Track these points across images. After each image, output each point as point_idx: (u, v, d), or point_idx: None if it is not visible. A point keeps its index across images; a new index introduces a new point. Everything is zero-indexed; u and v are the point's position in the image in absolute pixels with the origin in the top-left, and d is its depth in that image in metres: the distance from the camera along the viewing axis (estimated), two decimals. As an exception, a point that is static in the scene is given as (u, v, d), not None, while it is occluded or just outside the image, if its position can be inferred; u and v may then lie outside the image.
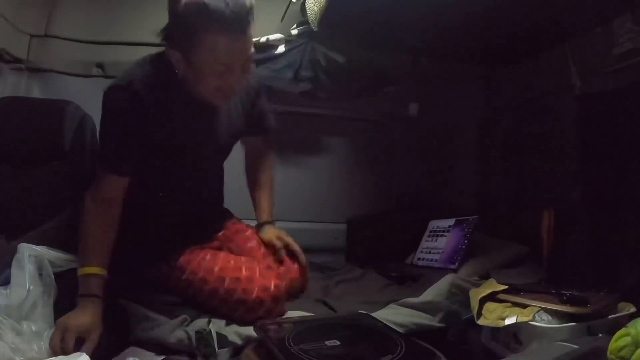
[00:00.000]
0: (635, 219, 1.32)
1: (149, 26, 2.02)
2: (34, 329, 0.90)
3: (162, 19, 2.02)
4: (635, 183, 1.34)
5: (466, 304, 1.14)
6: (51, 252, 1.03)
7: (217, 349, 0.96)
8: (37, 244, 1.06)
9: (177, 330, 1.07)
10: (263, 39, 1.95)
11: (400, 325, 1.11)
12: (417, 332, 1.11)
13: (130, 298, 1.16)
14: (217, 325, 1.12)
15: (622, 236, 1.35)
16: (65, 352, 0.88)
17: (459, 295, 1.21)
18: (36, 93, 1.90)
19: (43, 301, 0.97)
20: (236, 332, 1.09)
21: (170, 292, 1.26)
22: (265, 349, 0.99)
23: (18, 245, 1.02)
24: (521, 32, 1.67)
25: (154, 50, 2.01)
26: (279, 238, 1.38)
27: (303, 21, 1.89)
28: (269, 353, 0.96)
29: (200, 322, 1.13)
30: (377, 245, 1.60)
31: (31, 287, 0.95)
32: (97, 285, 1.04)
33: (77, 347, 0.90)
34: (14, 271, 0.98)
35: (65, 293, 1.03)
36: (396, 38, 1.89)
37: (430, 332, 1.14)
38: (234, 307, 1.17)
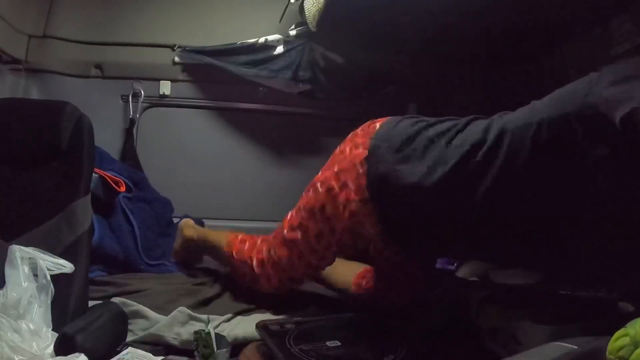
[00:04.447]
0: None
1: (147, 27, 2.05)
2: (32, 327, 0.90)
3: (160, 19, 2.03)
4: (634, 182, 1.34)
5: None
6: (42, 255, 1.02)
7: (215, 349, 0.96)
8: (36, 246, 1.05)
9: (175, 326, 1.08)
10: (262, 40, 1.96)
11: None
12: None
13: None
14: (215, 325, 1.12)
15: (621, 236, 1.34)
16: None
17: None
18: (34, 94, 1.89)
19: (39, 300, 0.96)
20: (236, 332, 1.09)
21: None
22: (265, 349, 0.99)
23: (9, 247, 1.02)
24: (520, 33, 1.67)
25: (153, 50, 2.03)
26: None
27: (301, 22, 1.89)
28: (269, 353, 0.96)
29: (198, 325, 1.12)
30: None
31: (27, 286, 0.95)
32: None
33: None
34: (8, 271, 0.97)
35: (60, 298, 1.03)
36: (395, 39, 1.89)
37: (431, 332, 1.14)
38: None
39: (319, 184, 1.21)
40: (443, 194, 1.00)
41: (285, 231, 1.27)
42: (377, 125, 1.20)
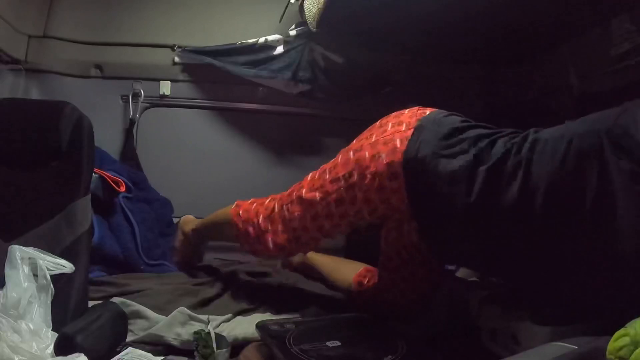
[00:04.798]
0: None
1: (147, 27, 2.05)
2: (32, 327, 0.90)
3: (160, 19, 2.03)
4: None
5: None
6: (42, 255, 1.02)
7: (215, 349, 0.96)
8: (35, 246, 1.05)
9: (174, 326, 1.08)
10: (261, 40, 1.96)
11: None
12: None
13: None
14: (215, 325, 1.12)
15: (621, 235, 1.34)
16: None
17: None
18: (34, 94, 1.89)
19: (39, 301, 0.96)
20: (236, 332, 1.09)
21: None
22: (265, 349, 0.99)
23: (9, 247, 1.02)
24: (520, 32, 1.67)
25: (153, 50, 2.03)
26: None
27: (301, 22, 1.89)
28: (269, 353, 0.96)
29: (198, 325, 1.12)
30: (377, 245, 1.60)
31: (27, 286, 0.95)
32: None
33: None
34: (8, 271, 0.97)
35: (60, 299, 1.03)
36: (395, 39, 1.89)
37: (431, 332, 1.14)
38: None
39: (351, 152, 1.20)
40: (477, 193, 1.01)
41: (304, 190, 1.25)
42: (427, 111, 1.21)
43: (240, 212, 1.38)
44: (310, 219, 1.23)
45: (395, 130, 1.15)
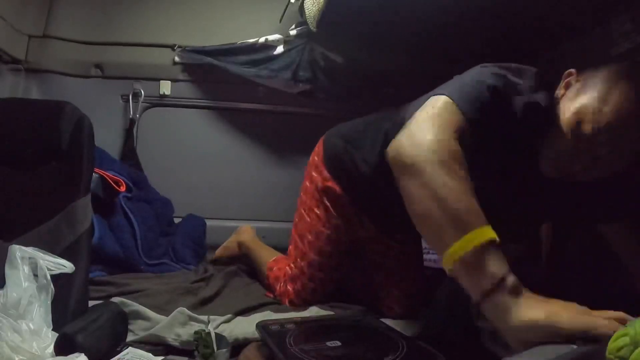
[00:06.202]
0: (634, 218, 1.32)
1: (147, 27, 2.05)
2: (32, 327, 0.90)
3: (160, 19, 2.03)
4: (634, 182, 1.34)
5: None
6: (42, 254, 1.02)
7: (216, 349, 0.96)
8: (35, 246, 1.05)
9: (174, 327, 1.08)
10: (262, 40, 1.96)
11: None
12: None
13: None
14: (215, 325, 1.12)
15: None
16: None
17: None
18: (34, 94, 1.90)
19: (40, 300, 0.96)
20: (236, 332, 1.09)
21: None
22: (265, 349, 0.99)
23: (9, 247, 1.02)
24: (520, 32, 1.67)
25: (153, 50, 2.03)
26: None
27: (302, 22, 1.89)
28: (269, 353, 0.96)
29: (198, 325, 1.12)
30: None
31: (27, 286, 0.95)
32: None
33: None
34: (8, 271, 0.97)
35: (60, 298, 1.03)
36: (395, 38, 1.89)
37: (430, 333, 1.14)
38: None
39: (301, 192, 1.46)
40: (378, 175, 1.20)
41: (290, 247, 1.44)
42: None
43: (274, 268, 1.49)
44: (298, 272, 1.36)
45: (313, 155, 1.45)
